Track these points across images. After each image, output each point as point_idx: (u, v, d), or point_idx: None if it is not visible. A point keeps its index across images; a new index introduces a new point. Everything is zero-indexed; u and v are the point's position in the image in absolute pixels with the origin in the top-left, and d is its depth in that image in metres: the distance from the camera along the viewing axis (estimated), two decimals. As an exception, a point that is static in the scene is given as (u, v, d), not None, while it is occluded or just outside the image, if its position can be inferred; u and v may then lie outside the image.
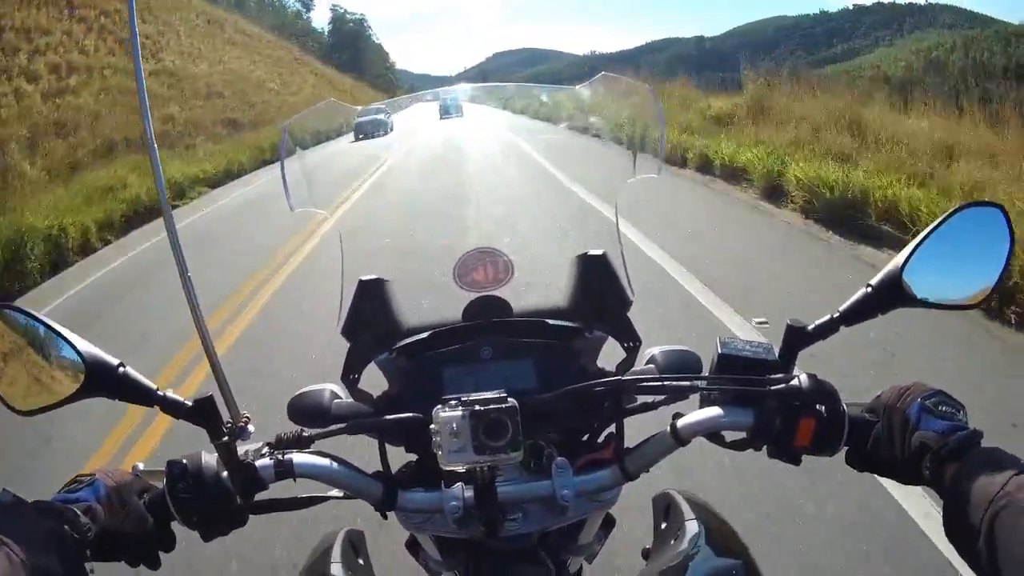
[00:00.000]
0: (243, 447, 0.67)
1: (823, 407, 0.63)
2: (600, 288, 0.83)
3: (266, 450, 0.67)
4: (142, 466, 0.66)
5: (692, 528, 0.82)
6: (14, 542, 0.49)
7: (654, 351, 0.83)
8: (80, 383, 0.63)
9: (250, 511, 0.66)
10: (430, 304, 0.87)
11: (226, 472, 0.64)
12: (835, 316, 0.68)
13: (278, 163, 0.87)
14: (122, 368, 0.64)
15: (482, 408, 0.62)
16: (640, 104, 0.99)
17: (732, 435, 0.69)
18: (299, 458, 0.67)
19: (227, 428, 0.65)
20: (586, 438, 0.80)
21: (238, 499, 0.64)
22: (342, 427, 0.70)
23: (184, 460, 0.63)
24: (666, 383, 0.72)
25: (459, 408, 0.62)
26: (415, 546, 0.87)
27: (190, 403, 0.64)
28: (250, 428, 0.69)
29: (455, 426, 0.62)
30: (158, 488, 0.63)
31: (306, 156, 0.90)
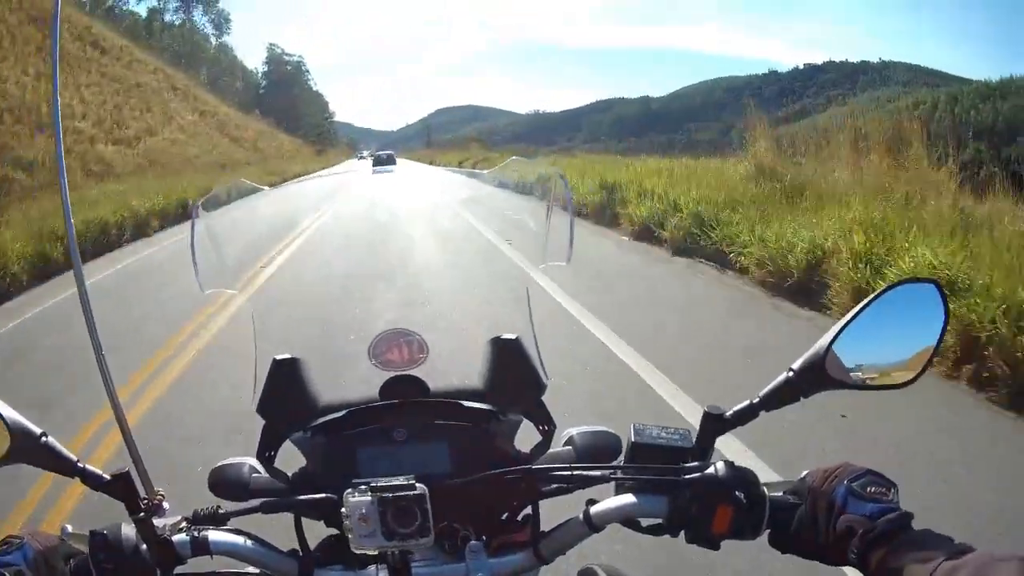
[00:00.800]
0: (161, 521, 0.67)
1: (742, 493, 0.62)
2: (514, 372, 0.83)
3: (184, 524, 0.68)
4: (71, 528, 0.67)
5: None
6: None
7: (572, 432, 0.83)
8: (3, 451, 0.65)
9: None
10: (346, 382, 0.86)
11: (144, 546, 0.65)
12: (755, 402, 0.67)
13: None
14: (44, 437, 0.66)
15: (391, 495, 0.63)
16: (551, 189, 0.96)
17: (649, 520, 0.68)
18: (215, 536, 0.68)
19: (143, 504, 0.67)
20: (505, 516, 0.79)
21: (157, 573, 0.65)
22: (256, 506, 0.70)
23: (105, 531, 0.64)
24: (576, 472, 0.71)
25: (368, 494, 0.63)
26: None
27: (107, 477, 0.67)
28: (165, 505, 0.70)
29: (364, 511, 0.63)
30: (83, 554, 0.64)
31: (217, 229, 0.88)
